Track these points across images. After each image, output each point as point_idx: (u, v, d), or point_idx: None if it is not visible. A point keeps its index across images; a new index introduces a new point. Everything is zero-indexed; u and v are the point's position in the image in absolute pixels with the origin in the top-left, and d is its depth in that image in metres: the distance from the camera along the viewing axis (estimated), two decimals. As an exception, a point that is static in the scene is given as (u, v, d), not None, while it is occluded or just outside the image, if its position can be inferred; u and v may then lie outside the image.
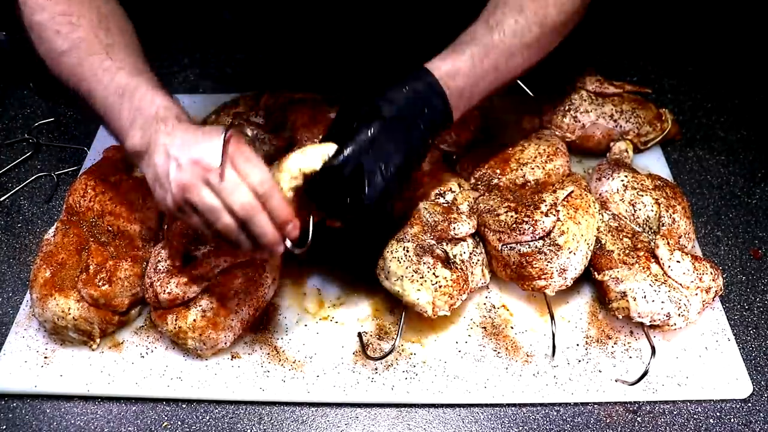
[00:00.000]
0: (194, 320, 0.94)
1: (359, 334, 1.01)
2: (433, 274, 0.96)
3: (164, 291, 0.95)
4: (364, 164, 0.84)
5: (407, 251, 0.97)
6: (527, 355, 1.00)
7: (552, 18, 0.99)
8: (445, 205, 1.07)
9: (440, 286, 0.96)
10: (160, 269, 0.97)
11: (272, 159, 1.07)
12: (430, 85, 0.90)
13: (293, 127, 1.24)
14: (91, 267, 0.98)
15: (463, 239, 1.02)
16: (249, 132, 1.17)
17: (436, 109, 0.91)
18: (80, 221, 1.07)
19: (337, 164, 0.84)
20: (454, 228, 1.01)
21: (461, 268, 0.99)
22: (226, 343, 0.98)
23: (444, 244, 1.00)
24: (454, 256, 1.00)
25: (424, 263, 0.96)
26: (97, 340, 0.99)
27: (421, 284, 0.95)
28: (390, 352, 0.97)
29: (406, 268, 0.96)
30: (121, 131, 0.86)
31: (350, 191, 0.86)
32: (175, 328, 0.95)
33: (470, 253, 1.03)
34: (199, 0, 1.61)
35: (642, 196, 1.08)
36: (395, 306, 1.05)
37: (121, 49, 0.91)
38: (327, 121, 1.23)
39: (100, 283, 0.97)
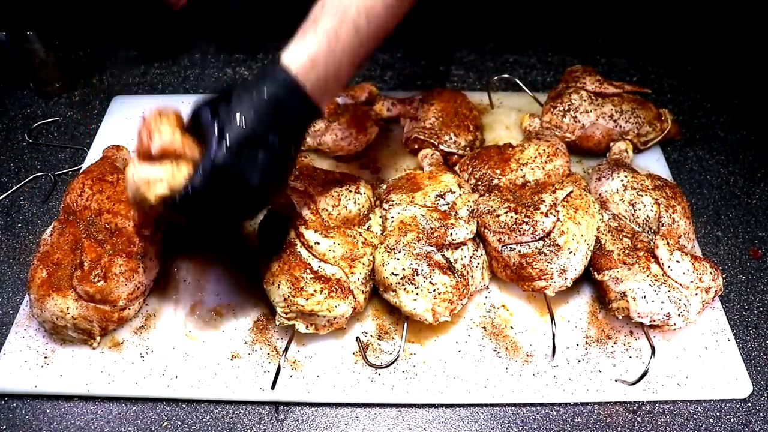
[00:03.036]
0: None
1: (357, 339, 1.01)
2: (430, 282, 0.96)
3: None
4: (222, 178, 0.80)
5: (400, 262, 0.97)
6: (527, 355, 1.00)
7: None
8: (444, 208, 1.07)
9: (439, 293, 0.95)
10: None
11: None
12: (286, 87, 0.83)
13: None
14: (85, 264, 0.98)
15: (463, 243, 1.02)
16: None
17: (294, 109, 0.84)
18: (77, 220, 1.07)
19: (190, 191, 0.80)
20: (452, 234, 1.00)
21: (462, 273, 0.99)
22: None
23: (444, 249, 1.00)
24: (455, 261, 1.00)
25: (420, 273, 0.96)
26: (98, 339, 1.00)
27: (417, 294, 0.95)
28: (393, 362, 0.96)
29: (401, 278, 0.96)
30: None
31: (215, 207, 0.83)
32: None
33: (470, 257, 1.02)
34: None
35: (642, 196, 1.08)
36: (395, 307, 1.05)
37: None
38: (332, 101, 1.27)
39: (95, 279, 0.97)
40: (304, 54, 0.83)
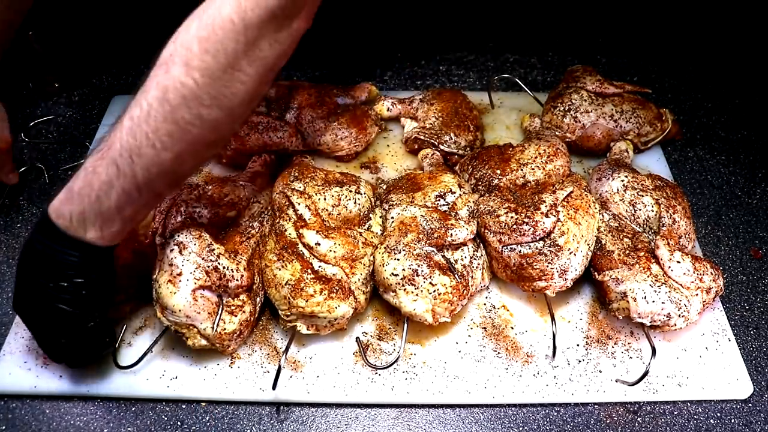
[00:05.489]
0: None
1: (357, 339, 1.01)
2: (430, 282, 0.95)
3: None
4: None
5: (400, 262, 0.97)
6: (527, 356, 0.99)
7: (177, 86, 0.77)
8: (444, 208, 1.07)
9: (439, 294, 0.95)
10: None
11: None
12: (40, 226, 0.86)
13: (298, 108, 1.26)
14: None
15: (463, 243, 1.02)
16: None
17: (51, 247, 0.85)
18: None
19: None
20: (452, 234, 1.00)
21: (462, 274, 0.99)
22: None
23: (444, 250, 1.00)
24: (455, 261, 1.00)
25: (420, 273, 0.96)
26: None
27: (417, 294, 0.95)
28: (393, 363, 0.96)
29: (401, 279, 0.96)
30: None
31: None
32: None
33: (471, 257, 1.02)
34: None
35: (642, 196, 1.08)
36: (395, 307, 1.05)
37: None
38: (332, 101, 1.29)
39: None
40: (61, 194, 0.84)
